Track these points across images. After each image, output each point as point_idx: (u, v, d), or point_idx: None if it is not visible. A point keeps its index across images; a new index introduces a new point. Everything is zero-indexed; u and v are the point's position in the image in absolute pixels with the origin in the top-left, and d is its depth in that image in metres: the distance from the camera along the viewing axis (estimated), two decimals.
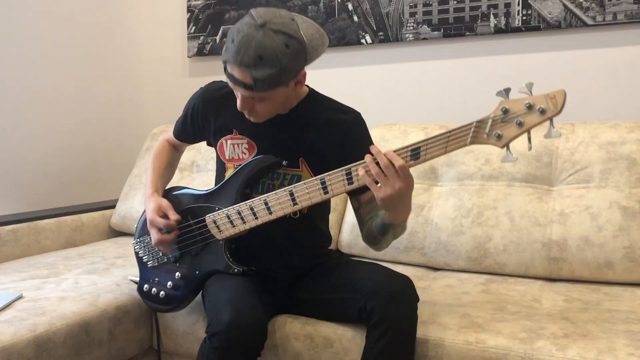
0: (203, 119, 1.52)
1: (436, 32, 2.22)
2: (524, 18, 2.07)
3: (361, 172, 1.22)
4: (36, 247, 2.13)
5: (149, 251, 1.54)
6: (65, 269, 1.85)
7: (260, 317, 1.29)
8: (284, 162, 1.42)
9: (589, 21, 1.98)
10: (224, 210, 1.39)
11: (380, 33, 2.32)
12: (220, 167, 1.52)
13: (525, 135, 1.12)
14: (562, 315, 1.39)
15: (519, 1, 2.08)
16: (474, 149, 1.88)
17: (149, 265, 1.54)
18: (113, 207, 2.47)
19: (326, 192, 1.28)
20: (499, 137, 1.10)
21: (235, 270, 1.40)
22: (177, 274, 1.48)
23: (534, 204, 1.75)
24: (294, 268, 1.49)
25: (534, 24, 2.06)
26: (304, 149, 1.44)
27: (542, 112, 1.05)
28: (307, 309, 1.46)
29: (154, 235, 1.45)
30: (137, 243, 1.58)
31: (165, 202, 1.47)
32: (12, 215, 2.23)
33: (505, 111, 1.09)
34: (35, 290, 1.61)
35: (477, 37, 2.18)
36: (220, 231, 1.41)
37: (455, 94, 2.24)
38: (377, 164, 1.20)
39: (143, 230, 1.56)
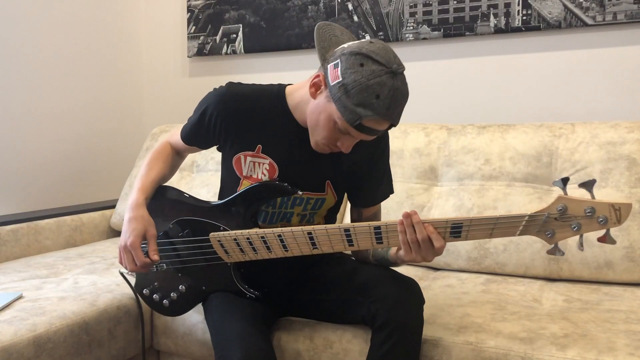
0: (222, 127, 1.36)
1: (436, 32, 2.22)
2: (524, 18, 2.07)
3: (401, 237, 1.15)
4: (36, 247, 2.13)
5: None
6: (65, 269, 1.85)
7: (270, 352, 1.26)
8: (300, 193, 1.34)
9: (589, 21, 1.98)
10: (230, 233, 1.31)
11: (380, 33, 2.32)
12: (233, 180, 1.40)
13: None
14: (562, 315, 1.39)
15: (519, 1, 2.08)
16: (473, 148, 1.88)
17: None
18: (113, 207, 2.47)
19: (351, 244, 1.20)
20: (552, 235, 1.02)
21: (248, 295, 1.36)
22: (182, 286, 1.42)
23: (534, 204, 1.75)
24: (295, 281, 1.45)
25: (534, 24, 2.06)
26: (332, 170, 1.38)
27: (603, 222, 0.96)
28: (309, 311, 1.45)
29: (129, 263, 1.33)
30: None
31: (151, 232, 1.33)
32: (12, 215, 2.23)
33: (563, 211, 0.99)
34: (35, 290, 1.61)
35: (477, 37, 2.18)
36: (228, 255, 1.34)
37: (455, 94, 2.24)
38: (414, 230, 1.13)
39: None
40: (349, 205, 1.99)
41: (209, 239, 1.34)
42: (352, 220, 1.45)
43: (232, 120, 1.35)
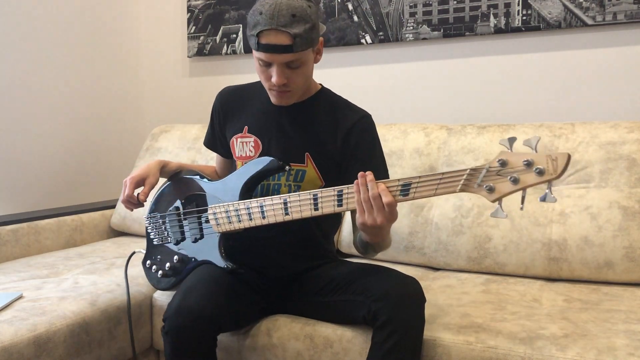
0: (221, 116, 1.58)
1: (436, 32, 2.22)
2: (524, 18, 2.08)
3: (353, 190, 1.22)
4: (36, 247, 2.13)
5: (156, 228, 1.58)
6: (65, 269, 1.85)
7: (211, 303, 1.30)
8: (287, 168, 1.42)
9: (589, 21, 1.98)
10: (224, 204, 1.42)
11: (380, 33, 2.32)
12: (233, 163, 1.58)
13: (519, 193, 1.04)
14: (562, 315, 1.39)
15: (519, 1, 2.08)
16: (473, 148, 1.88)
17: (154, 242, 1.58)
18: (113, 207, 2.47)
19: (317, 209, 1.29)
20: (491, 190, 1.03)
21: (225, 265, 1.42)
22: (176, 257, 1.51)
23: (534, 204, 1.75)
24: (290, 268, 1.49)
25: (534, 24, 2.06)
26: (310, 143, 1.46)
27: (540, 173, 0.97)
28: (309, 311, 1.45)
29: (127, 190, 1.49)
30: (147, 218, 1.61)
31: (151, 180, 1.51)
32: (12, 215, 2.23)
33: (503, 164, 1.01)
34: (35, 290, 1.61)
35: (477, 37, 2.18)
36: (218, 225, 1.43)
37: (455, 94, 2.24)
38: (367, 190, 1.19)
39: (155, 206, 1.59)
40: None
41: (207, 209, 1.45)
42: (351, 211, 1.46)
43: (226, 109, 1.57)
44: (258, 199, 1.36)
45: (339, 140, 1.45)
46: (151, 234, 1.59)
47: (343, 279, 1.39)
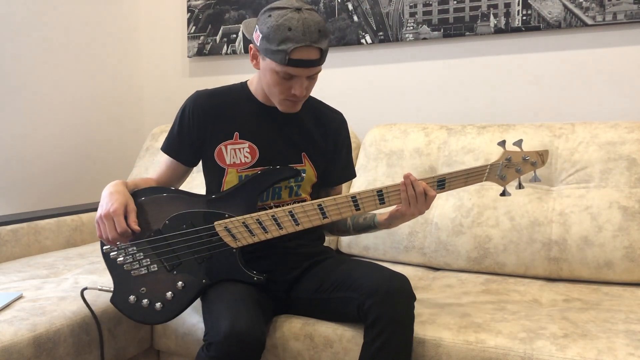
0: (199, 122, 1.48)
1: (436, 32, 2.22)
2: (524, 18, 2.07)
3: (402, 188, 1.36)
4: (36, 247, 2.13)
5: (132, 258, 1.41)
6: (65, 269, 1.85)
7: (258, 326, 1.27)
8: (303, 175, 1.47)
9: (589, 21, 1.98)
10: (238, 218, 1.37)
11: (380, 33, 2.32)
12: (217, 173, 1.48)
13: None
14: (562, 315, 1.39)
15: (519, 1, 2.08)
16: (473, 148, 1.88)
17: (132, 274, 1.41)
18: None
19: (358, 208, 1.38)
20: (503, 178, 1.40)
21: (255, 279, 1.39)
22: (180, 283, 1.40)
23: (534, 204, 1.75)
24: (294, 268, 1.49)
25: (534, 24, 2.06)
26: (305, 143, 1.51)
27: (534, 164, 1.40)
28: (306, 309, 1.46)
29: (110, 230, 1.35)
30: (112, 248, 1.43)
31: (132, 206, 1.39)
32: (12, 215, 2.23)
33: (509, 160, 1.39)
34: (35, 290, 1.61)
35: (477, 37, 2.18)
36: (235, 240, 1.39)
37: (455, 94, 2.24)
38: (413, 188, 1.35)
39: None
40: None
41: (213, 227, 1.39)
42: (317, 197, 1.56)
43: (206, 115, 1.49)
44: (284, 207, 1.37)
45: (330, 140, 1.54)
46: (125, 265, 1.41)
47: (339, 275, 1.40)
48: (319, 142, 1.53)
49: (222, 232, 1.39)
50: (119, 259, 1.42)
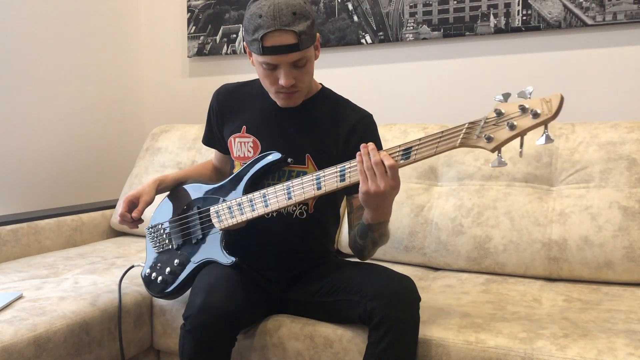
0: (219, 115, 1.57)
1: (436, 32, 2.22)
2: (524, 18, 2.08)
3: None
4: (36, 247, 2.13)
5: (157, 237, 1.58)
6: (65, 269, 1.85)
7: (234, 302, 1.29)
8: (290, 160, 1.44)
9: (589, 21, 1.98)
10: (226, 201, 1.43)
11: (380, 33, 2.32)
12: (231, 163, 1.57)
13: (517, 140, 1.07)
14: (562, 315, 1.39)
15: (519, 1, 2.08)
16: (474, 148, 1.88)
17: (155, 252, 1.58)
18: (113, 207, 2.47)
19: (319, 188, 1.30)
20: (490, 139, 1.05)
21: (229, 261, 1.42)
22: (176, 260, 1.51)
23: (534, 204, 1.75)
24: (290, 270, 1.49)
25: (534, 24, 2.06)
26: (311, 144, 1.45)
27: (535, 115, 0.99)
28: (307, 312, 1.45)
29: (120, 208, 1.52)
30: (149, 229, 1.61)
31: (145, 198, 1.51)
32: (12, 215, 2.23)
33: (499, 113, 1.04)
34: (35, 290, 1.61)
35: (477, 37, 2.18)
36: (220, 222, 1.44)
37: (455, 94, 2.24)
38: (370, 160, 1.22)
39: (156, 218, 1.59)
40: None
41: (208, 209, 1.46)
42: (347, 214, 1.50)
43: (224, 108, 1.56)
44: (261, 190, 1.38)
45: (341, 141, 1.45)
46: (151, 243, 1.59)
47: (341, 279, 1.39)
48: (328, 144, 1.45)
49: (213, 214, 1.45)
50: (149, 238, 1.61)
